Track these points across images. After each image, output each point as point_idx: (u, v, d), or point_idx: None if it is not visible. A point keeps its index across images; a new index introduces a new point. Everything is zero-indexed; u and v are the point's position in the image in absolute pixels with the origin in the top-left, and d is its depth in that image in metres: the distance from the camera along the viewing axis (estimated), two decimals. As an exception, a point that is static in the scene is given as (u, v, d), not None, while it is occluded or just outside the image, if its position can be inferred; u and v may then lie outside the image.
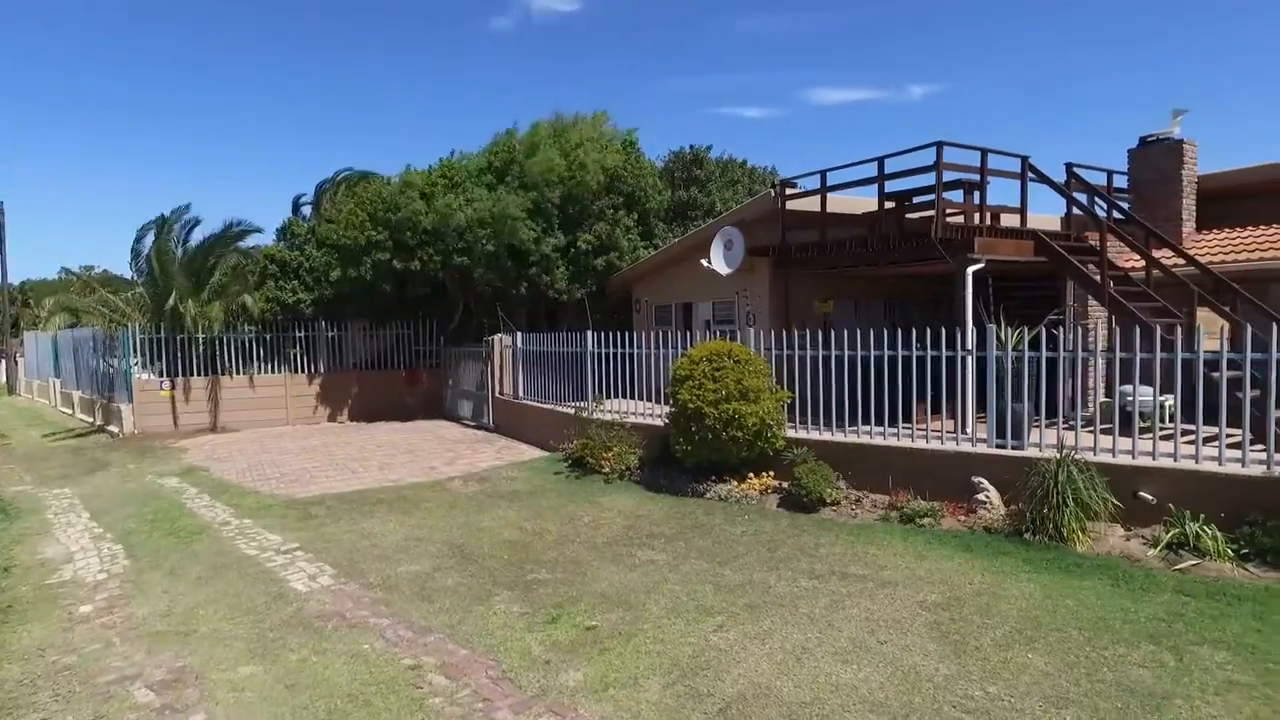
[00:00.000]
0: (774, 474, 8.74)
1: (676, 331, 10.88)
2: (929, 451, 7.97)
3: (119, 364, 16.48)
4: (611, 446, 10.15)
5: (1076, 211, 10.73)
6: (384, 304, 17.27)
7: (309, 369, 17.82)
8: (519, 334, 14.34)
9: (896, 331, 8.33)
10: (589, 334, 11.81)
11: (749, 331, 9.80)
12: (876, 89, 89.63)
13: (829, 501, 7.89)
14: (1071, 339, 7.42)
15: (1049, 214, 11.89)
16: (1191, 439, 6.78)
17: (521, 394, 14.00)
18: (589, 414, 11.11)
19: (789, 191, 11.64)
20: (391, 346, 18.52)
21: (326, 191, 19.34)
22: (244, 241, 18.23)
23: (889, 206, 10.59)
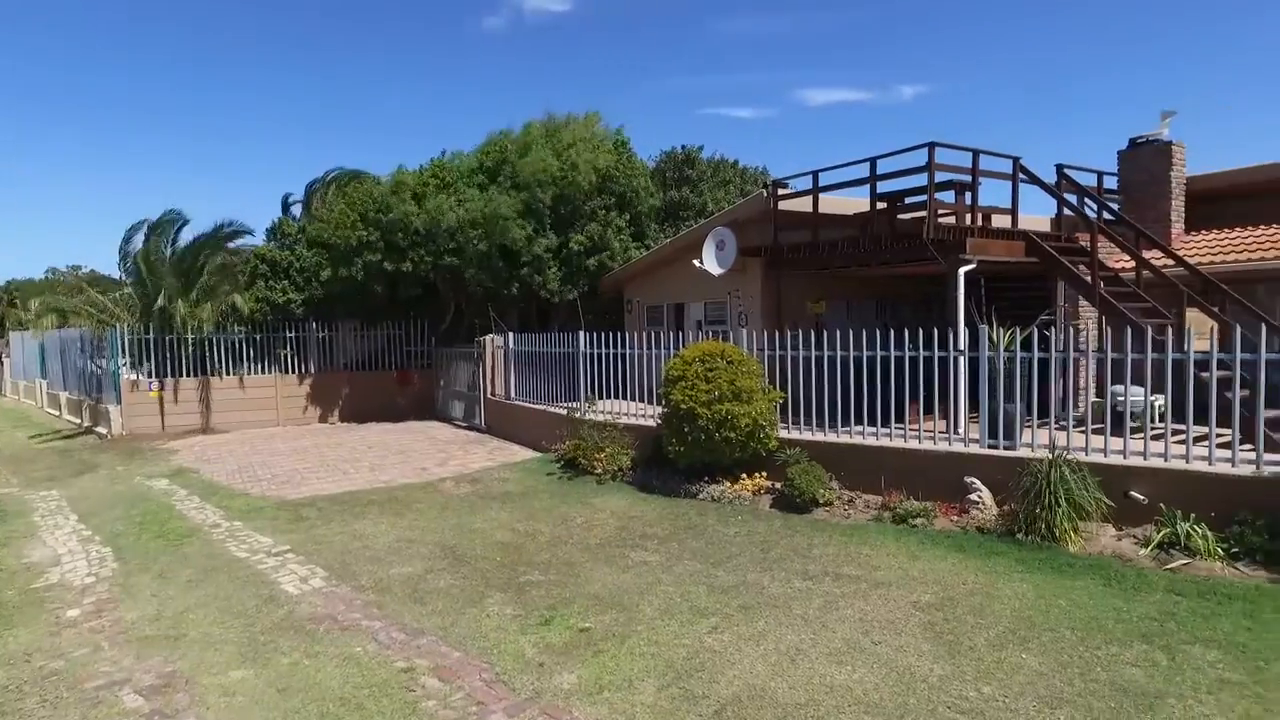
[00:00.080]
0: (767, 475, 8.74)
1: (668, 332, 10.87)
2: (921, 452, 7.99)
3: (107, 365, 16.34)
4: (604, 447, 10.13)
5: (1067, 212, 10.79)
6: (375, 304, 17.20)
7: (299, 370, 17.73)
8: (511, 334, 14.30)
9: (889, 332, 8.34)
10: (581, 334, 11.79)
11: (741, 332, 9.80)
12: (867, 90, 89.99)
13: (822, 502, 7.89)
14: (1062, 339, 7.44)
15: (1040, 215, 11.95)
16: (1182, 439, 6.81)
17: (513, 395, 13.96)
18: (581, 415, 11.09)
19: (781, 192, 11.65)
20: (383, 347, 18.44)
21: (317, 191, 19.26)
22: (234, 242, 18.15)
23: (881, 207, 10.61)
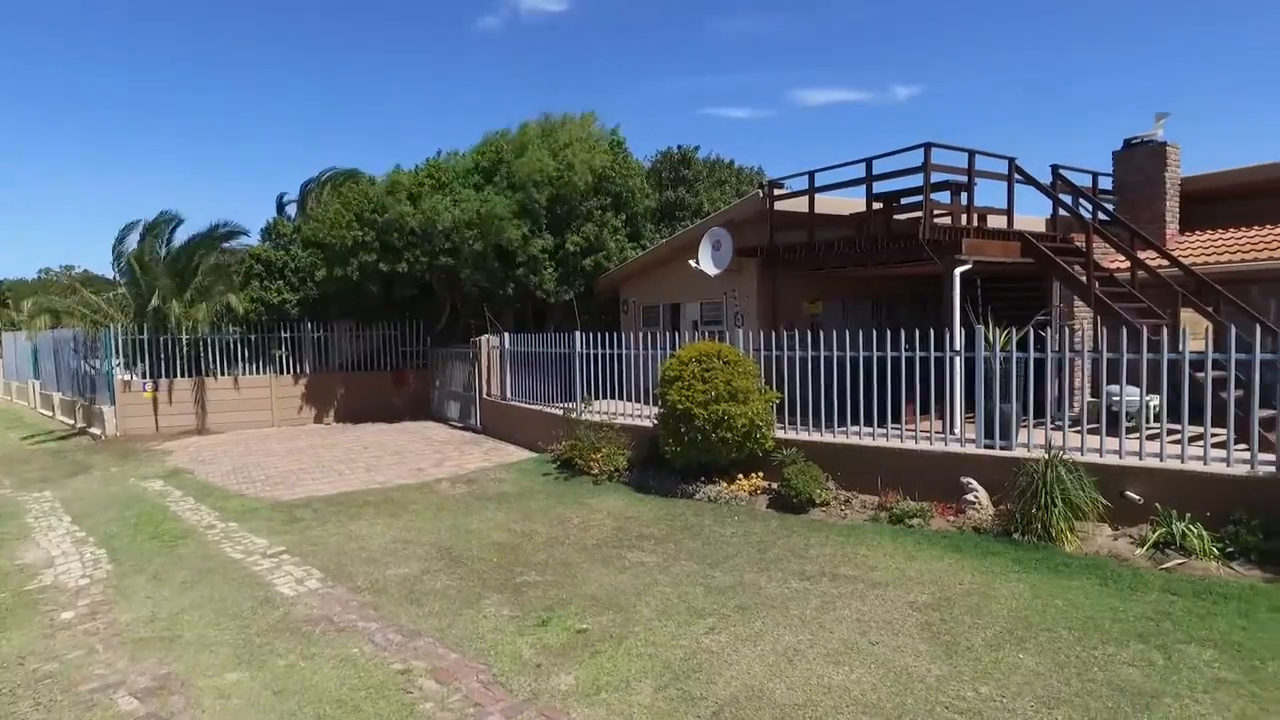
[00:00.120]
0: (763, 475, 8.74)
1: (664, 332, 10.87)
2: (918, 452, 8.00)
3: (101, 365, 16.27)
4: (600, 448, 10.12)
5: (1062, 213, 10.81)
6: (370, 304, 17.16)
7: (294, 370, 17.67)
8: (506, 335, 14.28)
9: (885, 332, 8.35)
10: (577, 335, 11.78)
11: (738, 332, 9.80)
12: (862, 90, 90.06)
13: (818, 502, 7.89)
14: (1058, 339, 7.46)
15: (1035, 215, 11.98)
16: (1177, 439, 6.84)
17: (509, 395, 13.94)
18: (577, 415, 11.08)
19: (777, 192, 11.64)
20: (378, 347, 18.40)
21: (312, 191, 19.18)
22: (230, 243, 18.09)
23: (877, 207, 10.62)
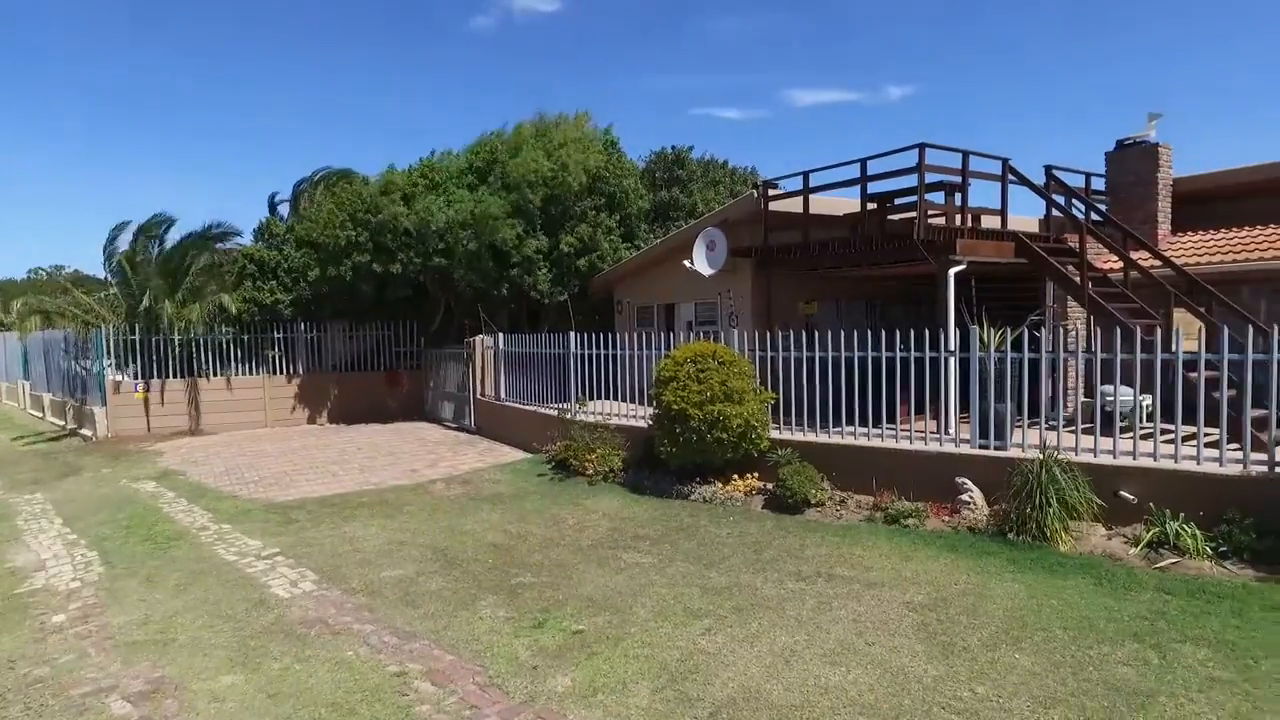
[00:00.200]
0: (758, 475, 8.75)
1: (659, 332, 10.86)
2: (913, 452, 8.01)
3: (92, 366, 16.17)
4: (595, 448, 10.11)
5: (1055, 213, 10.85)
6: (364, 304, 17.10)
7: (288, 370, 17.60)
8: (501, 335, 14.25)
9: (879, 333, 8.37)
10: (572, 335, 11.76)
11: (733, 333, 9.80)
12: (855, 90, 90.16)
13: (814, 503, 7.90)
14: (1052, 340, 7.49)
15: (1029, 215, 12.03)
16: (1170, 439, 6.87)
17: (504, 395, 13.91)
18: (572, 416, 11.07)
19: (772, 192, 11.66)
20: (371, 348, 18.34)
21: (304, 191, 19.12)
22: (223, 244, 18.00)
23: (871, 208, 10.65)
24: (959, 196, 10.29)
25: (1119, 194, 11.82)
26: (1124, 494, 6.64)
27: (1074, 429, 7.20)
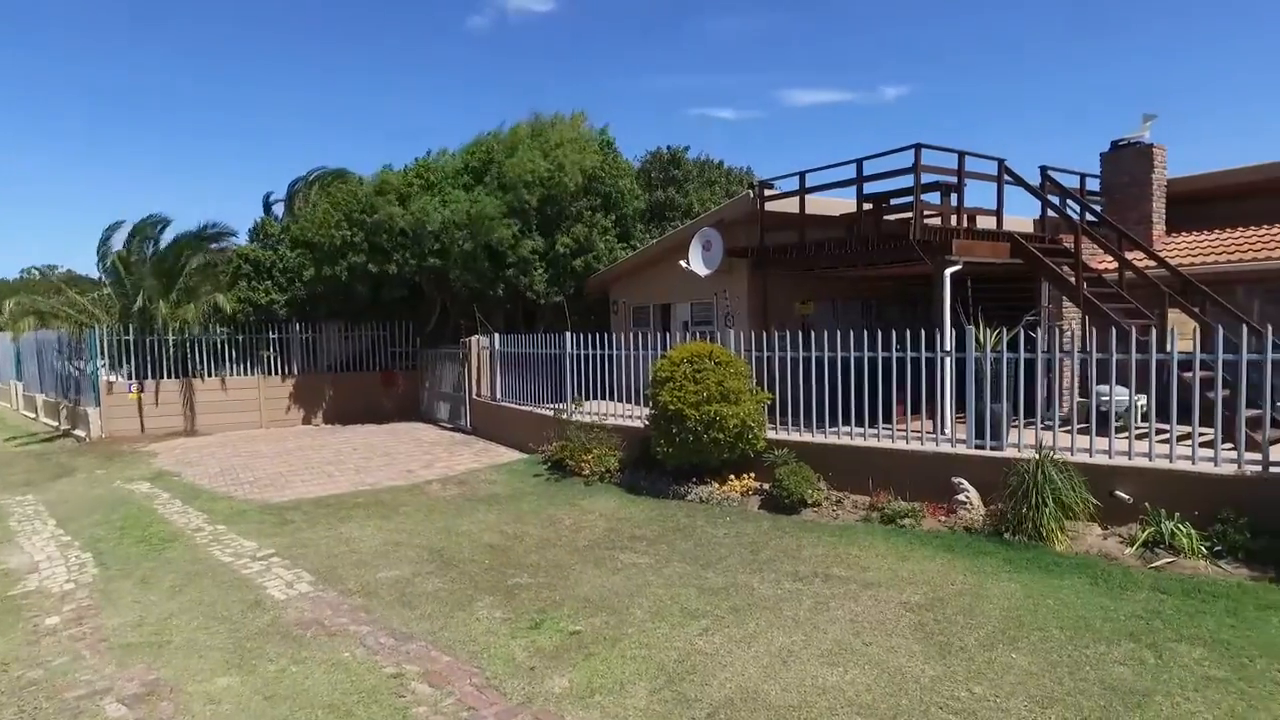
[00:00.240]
0: (755, 475, 8.75)
1: (655, 333, 10.86)
2: (909, 452, 8.02)
3: (86, 366, 16.10)
4: (591, 449, 10.10)
5: (1051, 214, 10.88)
6: (359, 305, 17.08)
7: (283, 371, 17.56)
8: (496, 335, 14.24)
9: (876, 333, 8.38)
10: (568, 335, 11.75)
11: (729, 333, 9.80)
12: (850, 91, 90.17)
13: (810, 503, 7.90)
14: (1047, 340, 7.50)
15: (1024, 216, 12.05)
16: (1165, 439, 6.89)
17: (499, 396, 13.90)
18: (568, 416, 11.06)
19: (768, 193, 11.67)
20: (367, 348, 18.30)
21: (299, 190, 19.07)
22: (218, 244, 17.95)
23: (867, 208, 10.66)
24: (955, 197, 10.31)
25: (1114, 194, 11.85)
26: (1119, 494, 6.66)
27: (1070, 429, 7.21)
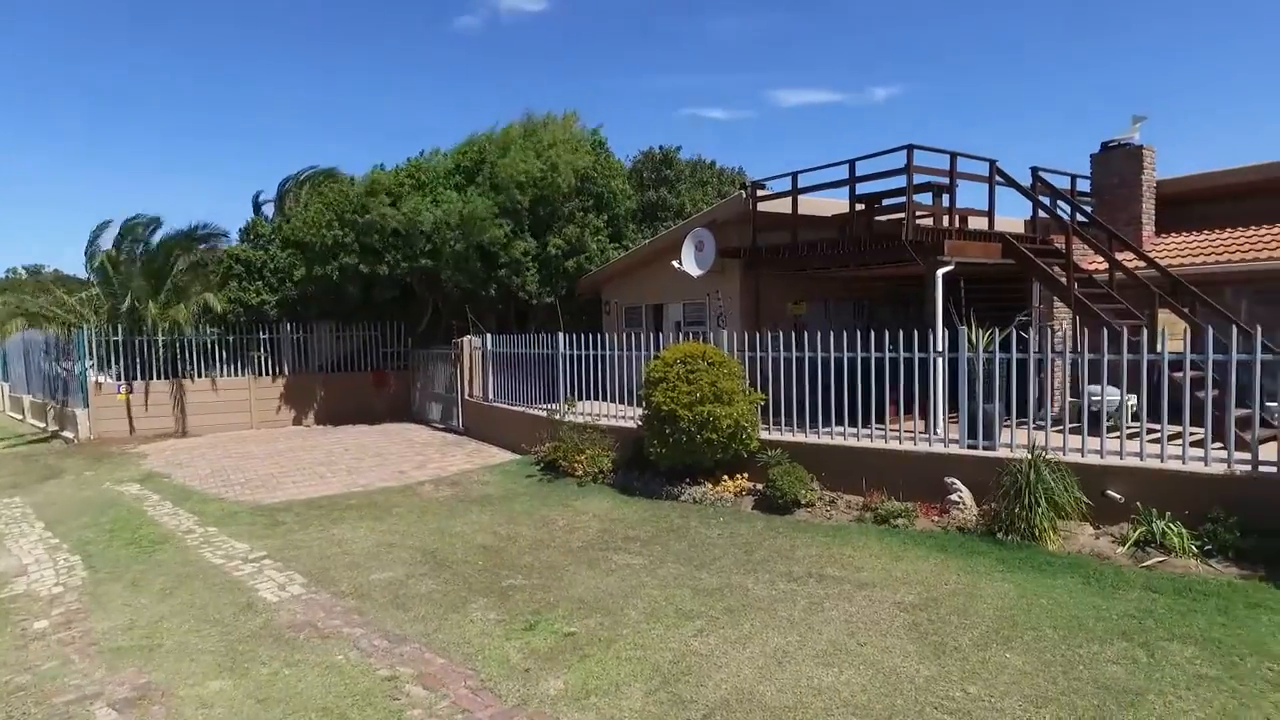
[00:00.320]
0: (748, 476, 8.75)
1: (647, 333, 10.86)
2: (902, 452, 8.05)
3: (74, 367, 15.97)
4: (584, 449, 10.08)
5: (1042, 214, 10.93)
6: (350, 305, 17.00)
7: (274, 371, 17.46)
8: (489, 336, 14.20)
9: (868, 333, 8.40)
10: (560, 336, 11.73)
11: (721, 333, 9.80)
12: (840, 91, 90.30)
13: (803, 503, 7.92)
14: (1039, 340, 7.54)
15: (1015, 216, 12.11)
16: (1156, 438, 6.93)
17: (492, 396, 13.86)
18: (561, 416, 11.03)
19: (760, 193, 11.67)
20: (358, 348, 18.22)
21: (290, 190, 18.97)
22: (209, 244, 17.87)
23: (859, 209, 10.69)
24: (947, 198, 10.35)
25: (1104, 195, 11.92)
26: (1111, 493, 6.70)
27: (1061, 429, 7.25)
